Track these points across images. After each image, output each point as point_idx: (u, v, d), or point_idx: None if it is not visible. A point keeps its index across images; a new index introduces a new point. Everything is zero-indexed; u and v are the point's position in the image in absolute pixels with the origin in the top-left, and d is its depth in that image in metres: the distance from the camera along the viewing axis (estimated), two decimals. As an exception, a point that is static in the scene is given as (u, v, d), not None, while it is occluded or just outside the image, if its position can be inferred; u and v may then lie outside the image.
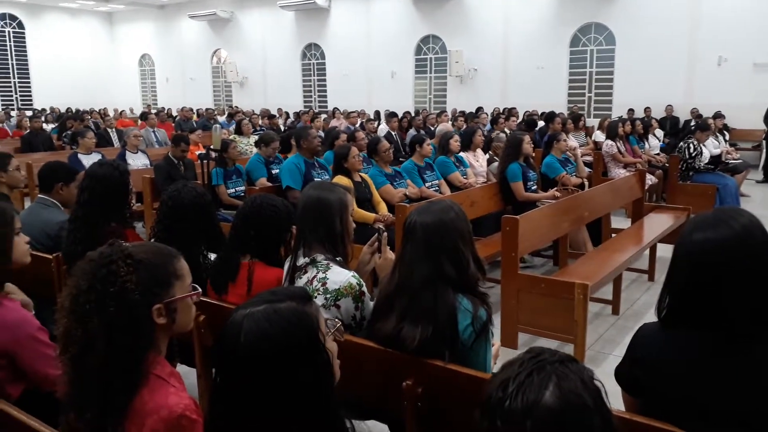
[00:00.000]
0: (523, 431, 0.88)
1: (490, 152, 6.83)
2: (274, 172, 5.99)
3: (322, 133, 8.28)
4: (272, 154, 6.15)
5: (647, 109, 13.73)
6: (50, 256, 2.96)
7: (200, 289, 1.54)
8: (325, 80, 21.21)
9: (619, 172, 7.54)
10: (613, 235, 5.62)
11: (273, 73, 21.90)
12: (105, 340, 1.32)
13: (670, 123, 13.52)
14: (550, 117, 9.28)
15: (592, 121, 13.68)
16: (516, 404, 0.90)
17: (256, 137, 7.08)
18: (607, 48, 15.67)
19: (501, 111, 12.93)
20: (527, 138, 5.74)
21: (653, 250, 5.23)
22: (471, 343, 1.89)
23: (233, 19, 22.66)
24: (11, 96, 23.79)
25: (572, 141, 7.48)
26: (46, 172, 3.39)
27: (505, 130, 9.15)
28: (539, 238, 4.48)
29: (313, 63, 21.51)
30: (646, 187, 6.88)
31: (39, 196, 3.42)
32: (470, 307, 1.88)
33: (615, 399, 1.64)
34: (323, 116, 14.15)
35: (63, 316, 1.36)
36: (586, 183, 6.81)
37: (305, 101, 21.65)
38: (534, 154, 6.26)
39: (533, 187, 5.72)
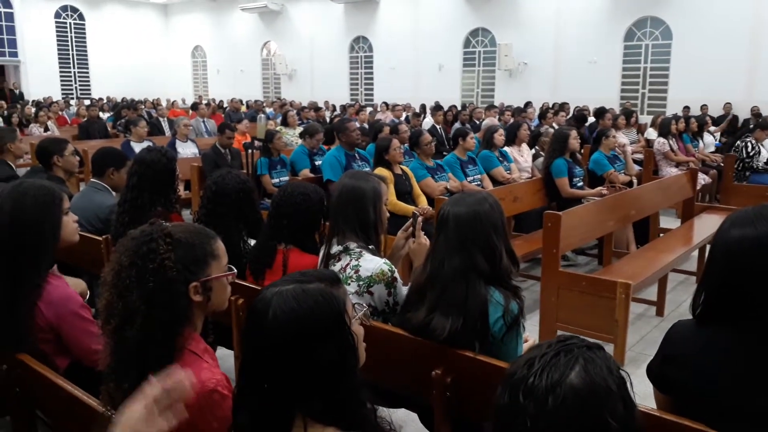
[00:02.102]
0: (544, 408, 0.89)
1: (537, 147, 6.72)
2: (317, 163, 6.07)
3: (366, 126, 8.34)
4: (316, 146, 6.23)
5: (704, 107, 13.25)
6: (100, 238, 3.09)
7: (236, 270, 1.58)
8: (372, 73, 21.27)
9: (670, 171, 7.31)
10: (661, 234, 5.46)
11: (321, 66, 22.10)
12: (144, 314, 1.37)
13: (728, 121, 13.01)
14: (600, 112, 9.07)
15: (645, 118, 13.31)
16: (540, 381, 0.91)
17: (302, 129, 7.18)
18: (663, 43, 15.20)
19: (551, 106, 12.70)
20: (574, 133, 5.63)
21: (702, 251, 5.05)
22: (502, 336, 1.88)
23: (283, 11, 22.96)
24: (71, 85, 24.78)
25: (622, 138, 7.30)
26: (99, 158, 3.54)
27: (554, 125, 8.98)
28: (582, 236, 4.39)
29: (361, 56, 21.59)
30: (699, 187, 6.66)
31: (91, 180, 3.58)
32: (502, 299, 1.87)
33: (650, 400, 1.62)
34: (368, 109, 14.20)
35: (105, 290, 1.43)
36: (635, 181, 6.63)
37: (352, 94, 21.77)
38: (582, 150, 6.14)
39: (579, 184, 5.61)
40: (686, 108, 13.17)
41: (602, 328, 3.60)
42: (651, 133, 9.82)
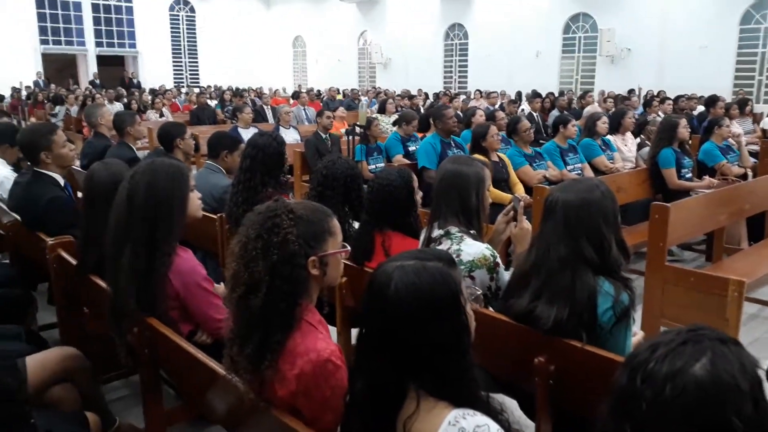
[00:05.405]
0: (661, 395, 0.87)
1: (642, 136, 6.42)
2: (411, 149, 6.14)
3: (461, 113, 8.30)
4: (411, 132, 6.29)
5: (833, 95, 12.11)
6: (215, 216, 3.30)
7: (349, 248, 1.66)
8: (466, 61, 21.03)
9: (791, 164, 6.76)
10: (780, 232, 5.08)
11: (415, 54, 22.10)
12: (267, 284, 1.47)
13: None
14: (711, 101, 8.53)
15: (762, 107, 12.34)
16: (661, 367, 0.89)
17: (397, 116, 7.28)
18: (787, 25, 13.99)
19: (656, 94, 12.05)
20: (683, 122, 5.33)
21: (828, 252, 4.66)
22: (610, 327, 1.83)
23: (381, 0, 23.11)
24: (182, 74, 26.31)
25: (736, 128, 6.82)
26: (214, 141, 3.78)
27: (659, 113, 8.54)
28: (691, 229, 4.17)
29: (456, 43, 21.40)
30: (825, 182, 6.12)
31: (206, 162, 3.82)
32: (612, 290, 1.82)
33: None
34: (462, 97, 14.09)
35: (232, 260, 1.53)
36: (750, 174, 6.20)
37: (445, 82, 21.65)
38: (690, 140, 5.81)
39: (688, 175, 5.31)
40: (812, 96, 12.09)
41: (711, 327, 3.42)
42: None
